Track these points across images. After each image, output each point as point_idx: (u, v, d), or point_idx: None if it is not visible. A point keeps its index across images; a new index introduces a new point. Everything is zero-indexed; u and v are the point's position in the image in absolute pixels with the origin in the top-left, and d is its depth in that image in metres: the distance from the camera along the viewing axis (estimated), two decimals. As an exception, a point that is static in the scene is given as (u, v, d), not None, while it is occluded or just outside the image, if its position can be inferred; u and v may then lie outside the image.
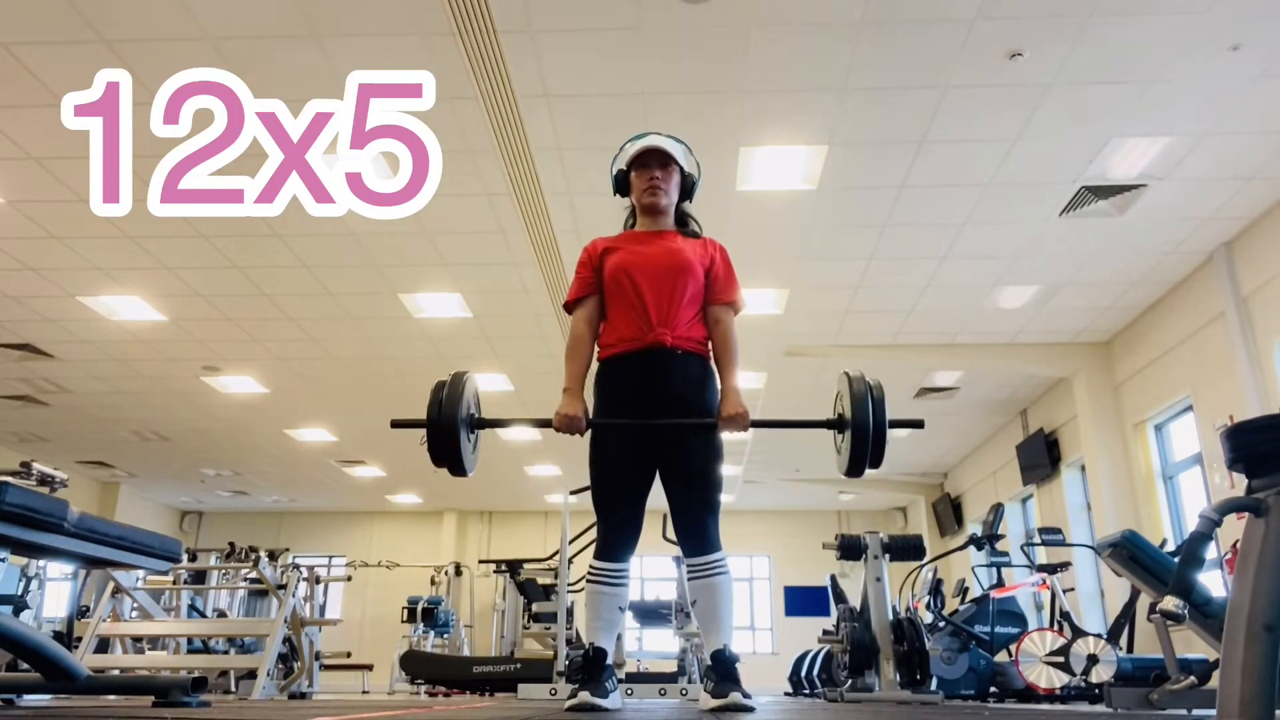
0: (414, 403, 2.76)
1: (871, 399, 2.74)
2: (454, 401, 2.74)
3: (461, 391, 2.77)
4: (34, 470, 4.30)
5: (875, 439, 2.71)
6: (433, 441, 2.72)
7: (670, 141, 2.91)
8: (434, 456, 2.75)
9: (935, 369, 9.22)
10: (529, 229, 6.40)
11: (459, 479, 2.94)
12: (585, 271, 2.91)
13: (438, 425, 2.71)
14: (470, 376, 2.87)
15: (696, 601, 2.82)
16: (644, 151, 2.87)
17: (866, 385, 2.79)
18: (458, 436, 2.72)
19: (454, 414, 2.72)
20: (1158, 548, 4.61)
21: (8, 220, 6.21)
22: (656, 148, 2.87)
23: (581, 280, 2.91)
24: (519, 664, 6.76)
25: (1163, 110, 5.11)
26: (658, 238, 2.90)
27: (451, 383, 2.80)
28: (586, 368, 2.87)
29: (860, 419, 2.72)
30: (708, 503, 2.78)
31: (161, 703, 2.66)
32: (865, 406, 2.73)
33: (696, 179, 3.03)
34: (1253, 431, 1.71)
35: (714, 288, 2.89)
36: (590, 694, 2.65)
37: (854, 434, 2.73)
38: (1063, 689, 5.62)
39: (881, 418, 2.72)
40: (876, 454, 2.73)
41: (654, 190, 2.88)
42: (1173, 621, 1.86)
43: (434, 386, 2.79)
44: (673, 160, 2.89)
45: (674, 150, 2.89)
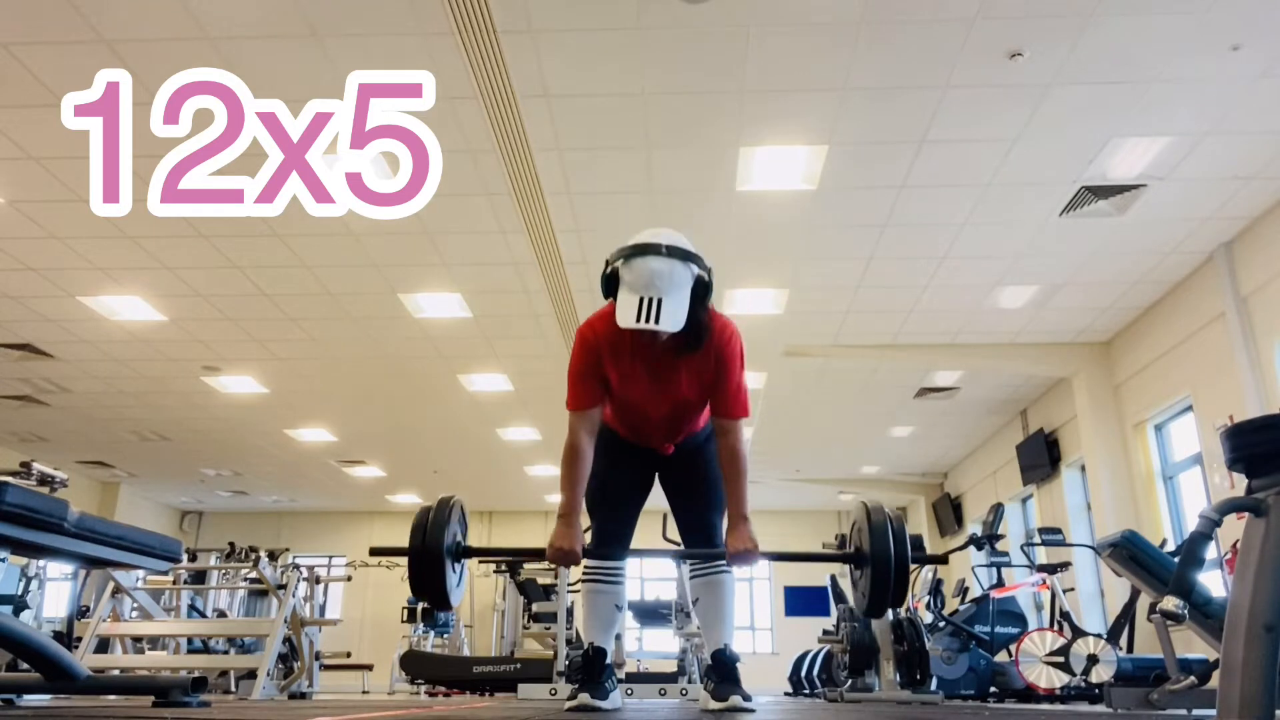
0: (414, 403, 2.77)
1: (892, 532, 2.51)
2: (439, 528, 2.54)
3: (448, 518, 2.57)
4: (34, 470, 4.31)
5: (898, 577, 2.50)
6: (414, 572, 2.52)
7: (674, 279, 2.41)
8: (414, 588, 2.55)
9: (935, 369, 9.22)
10: (529, 229, 6.40)
11: (458, 478, 2.92)
12: (591, 382, 2.63)
13: (421, 555, 2.51)
14: (458, 502, 2.68)
15: (698, 600, 2.83)
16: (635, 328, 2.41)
17: (886, 517, 2.56)
18: (442, 568, 2.52)
19: (438, 543, 2.52)
20: (1158, 548, 4.61)
21: (8, 220, 6.21)
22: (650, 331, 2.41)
23: (588, 389, 2.63)
24: (519, 664, 6.77)
25: (1163, 110, 5.11)
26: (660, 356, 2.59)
27: (437, 508, 2.59)
28: (584, 488, 2.65)
29: (881, 555, 2.50)
30: (711, 503, 2.79)
31: (161, 703, 2.66)
32: (886, 541, 2.50)
33: (709, 281, 2.52)
34: (1253, 431, 1.71)
35: (719, 404, 2.66)
36: (590, 694, 2.65)
37: (875, 572, 2.51)
38: (1063, 689, 5.62)
39: (904, 553, 2.50)
40: (899, 593, 2.52)
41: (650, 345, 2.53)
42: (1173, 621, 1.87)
43: (418, 512, 2.59)
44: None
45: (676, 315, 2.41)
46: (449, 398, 9.85)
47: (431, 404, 10.09)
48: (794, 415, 10.61)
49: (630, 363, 2.61)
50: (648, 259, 2.42)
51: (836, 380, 9.54)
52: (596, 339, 2.60)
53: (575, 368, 2.64)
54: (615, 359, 2.60)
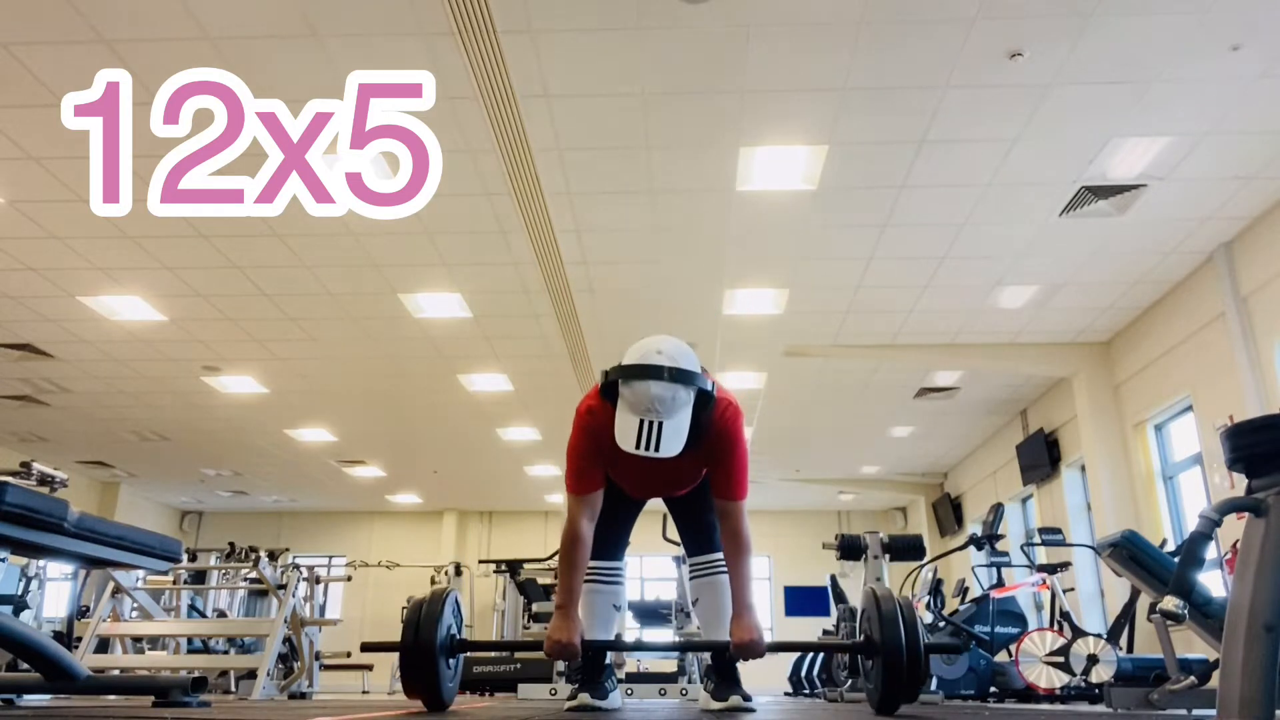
0: (414, 403, 2.76)
1: (903, 620, 2.39)
2: (432, 623, 2.43)
3: (441, 611, 2.47)
4: (34, 470, 4.30)
5: (911, 669, 2.34)
6: (406, 670, 2.43)
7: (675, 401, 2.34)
8: (407, 686, 2.47)
9: (935, 369, 9.21)
10: (529, 229, 6.40)
11: (457, 479, 2.92)
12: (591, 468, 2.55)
13: (413, 652, 2.40)
14: (452, 594, 2.60)
15: (698, 600, 2.83)
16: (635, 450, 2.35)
17: (896, 605, 2.44)
18: (435, 665, 2.42)
19: (431, 639, 2.42)
20: (1158, 548, 4.61)
21: (8, 220, 6.21)
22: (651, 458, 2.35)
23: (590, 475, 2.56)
24: (519, 664, 6.76)
25: (1163, 110, 5.11)
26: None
27: (429, 601, 2.49)
28: (582, 576, 2.57)
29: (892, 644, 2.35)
30: (709, 505, 2.78)
31: (161, 703, 2.66)
32: (897, 630, 2.36)
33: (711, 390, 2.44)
34: (1252, 431, 1.71)
35: (719, 483, 2.58)
36: (590, 694, 2.65)
37: (887, 663, 2.36)
38: (1063, 689, 5.61)
39: (916, 642, 2.36)
40: (913, 685, 2.37)
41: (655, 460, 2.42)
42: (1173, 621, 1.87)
43: (411, 606, 2.49)
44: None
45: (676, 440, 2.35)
46: (449, 398, 9.84)
47: (431, 404, 10.09)
48: (794, 415, 10.61)
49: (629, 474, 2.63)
50: (648, 384, 2.32)
51: (836, 380, 9.54)
52: (596, 425, 2.50)
53: (575, 452, 2.54)
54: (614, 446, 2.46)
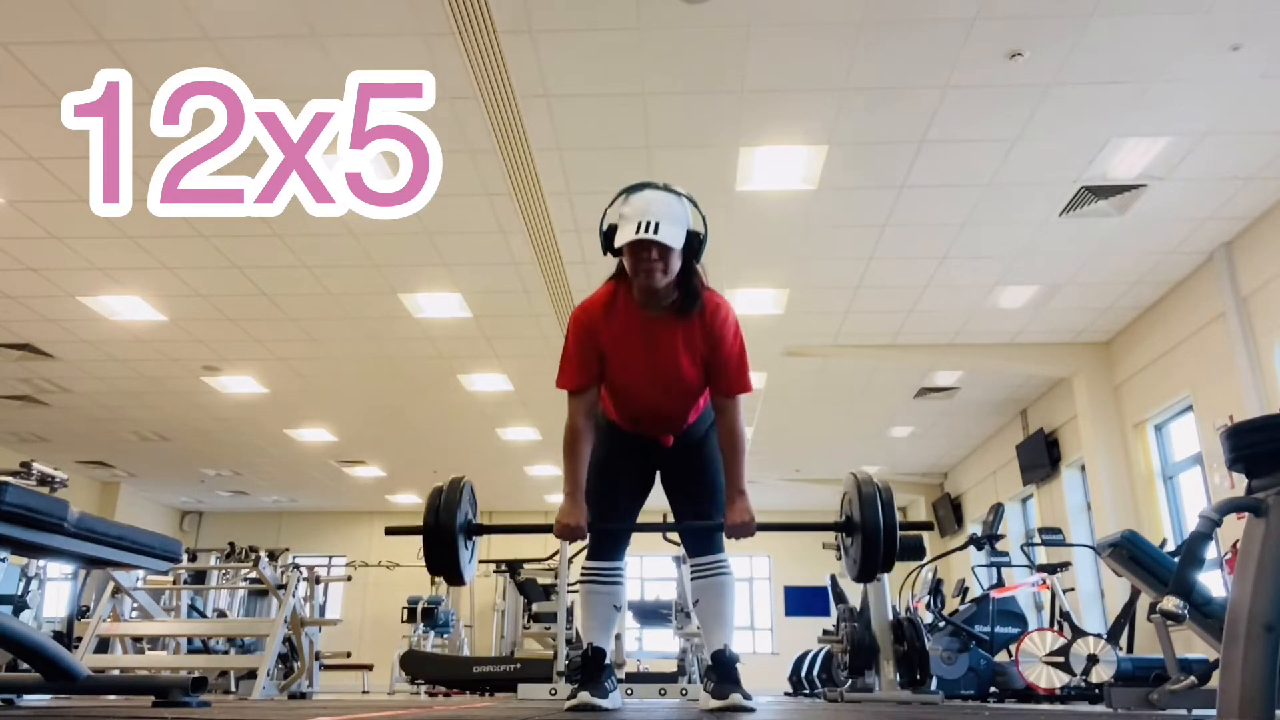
0: (414, 403, 2.76)
1: (880, 501, 2.61)
2: (451, 508, 2.64)
3: (459, 498, 2.67)
4: (34, 470, 4.31)
5: (886, 544, 2.59)
6: (429, 550, 2.63)
7: (670, 205, 2.50)
8: (430, 565, 2.66)
9: (935, 369, 9.22)
10: (529, 229, 6.40)
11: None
12: (586, 359, 2.63)
13: (435, 533, 2.62)
14: (468, 483, 2.76)
15: (699, 601, 2.83)
16: (638, 242, 2.45)
17: (875, 488, 2.64)
18: (455, 545, 2.63)
19: (451, 521, 2.62)
20: (1158, 548, 4.61)
21: (8, 220, 6.21)
22: (651, 240, 2.43)
23: (583, 370, 2.64)
24: (519, 664, 6.76)
25: (1163, 110, 5.11)
26: (654, 330, 2.61)
27: (449, 488, 2.69)
28: (586, 465, 2.68)
29: (870, 523, 2.60)
30: (711, 506, 2.78)
31: (161, 703, 2.66)
32: (875, 510, 2.59)
33: (704, 236, 2.59)
34: (1253, 431, 1.71)
35: (717, 380, 2.66)
36: (590, 694, 2.65)
37: (864, 539, 2.62)
38: (1063, 689, 5.62)
39: (892, 521, 2.60)
40: (888, 558, 2.60)
41: (650, 274, 2.48)
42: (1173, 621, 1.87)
43: (430, 493, 2.68)
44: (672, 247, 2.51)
45: (674, 235, 2.47)
46: (449, 398, 9.84)
47: (431, 404, 10.09)
48: (794, 415, 10.61)
49: (626, 336, 2.62)
50: (645, 191, 2.52)
51: (836, 380, 9.54)
52: (590, 318, 2.63)
53: (569, 347, 2.66)
54: (611, 333, 2.62)
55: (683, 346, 2.61)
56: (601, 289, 2.67)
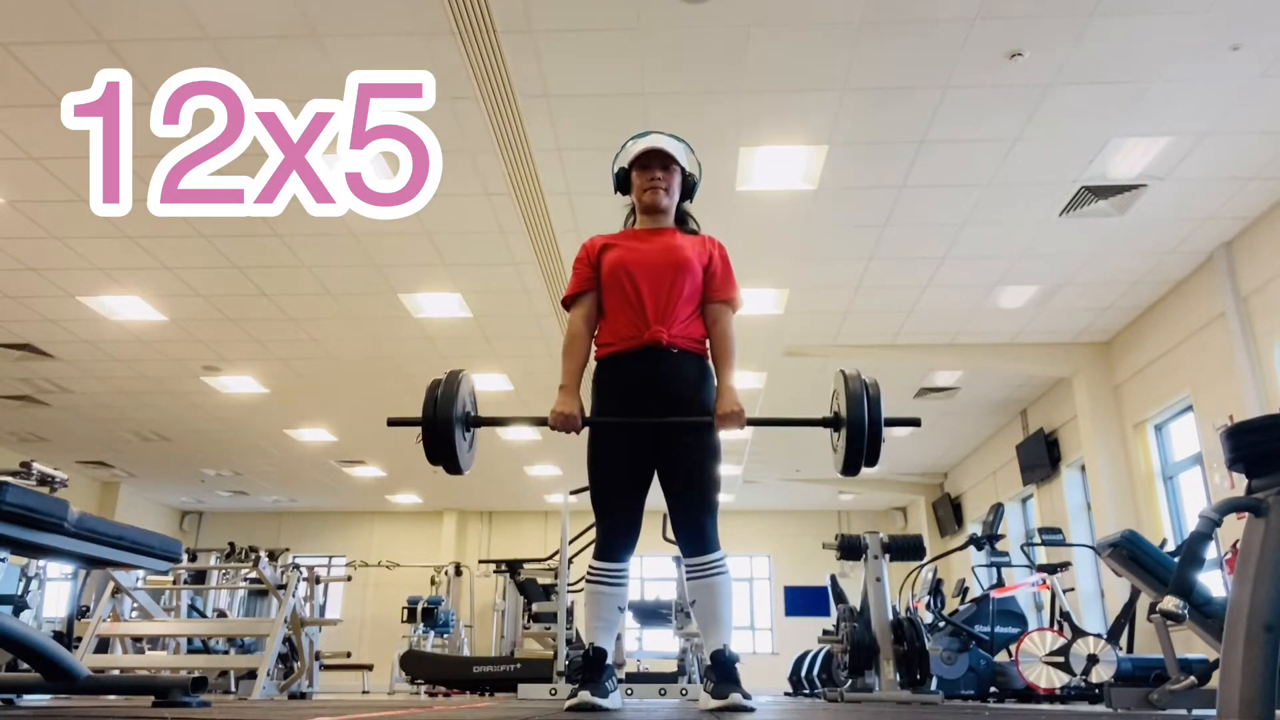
0: (414, 403, 2.76)
1: (867, 397, 2.74)
2: (449, 400, 2.73)
3: (457, 390, 2.76)
4: (34, 470, 4.30)
5: (871, 437, 2.71)
6: (428, 440, 2.72)
7: (672, 141, 2.90)
8: (429, 454, 2.76)
9: (935, 369, 9.22)
10: (529, 229, 6.40)
11: (458, 478, 2.94)
12: (583, 268, 2.90)
13: (434, 423, 2.71)
14: (466, 375, 2.87)
15: (696, 601, 2.82)
16: (645, 152, 2.86)
17: (862, 383, 2.79)
18: (453, 435, 2.72)
19: (449, 412, 2.71)
20: (1158, 548, 4.61)
21: (8, 220, 6.21)
22: (658, 148, 2.85)
23: (579, 276, 2.89)
24: (519, 664, 6.76)
25: (1163, 110, 5.11)
26: (656, 235, 2.90)
27: (447, 381, 2.79)
28: (583, 365, 2.86)
29: (856, 417, 2.72)
30: (706, 502, 2.77)
31: (161, 703, 2.66)
32: (861, 405, 2.73)
33: (698, 179, 3.02)
34: (1253, 431, 1.71)
35: (711, 285, 2.88)
36: (590, 694, 2.65)
37: (849, 432, 2.74)
38: (1063, 689, 5.62)
39: (877, 415, 2.72)
40: (872, 452, 2.73)
41: (655, 189, 2.86)
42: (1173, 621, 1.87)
43: (430, 385, 2.79)
44: (674, 161, 2.88)
45: (676, 151, 2.88)
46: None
47: (431, 404, 10.07)
48: (794, 415, 10.59)
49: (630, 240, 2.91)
50: (651, 134, 2.94)
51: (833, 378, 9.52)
52: (594, 239, 2.95)
53: (574, 265, 2.93)
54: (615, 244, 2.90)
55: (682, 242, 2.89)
56: None
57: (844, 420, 2.78)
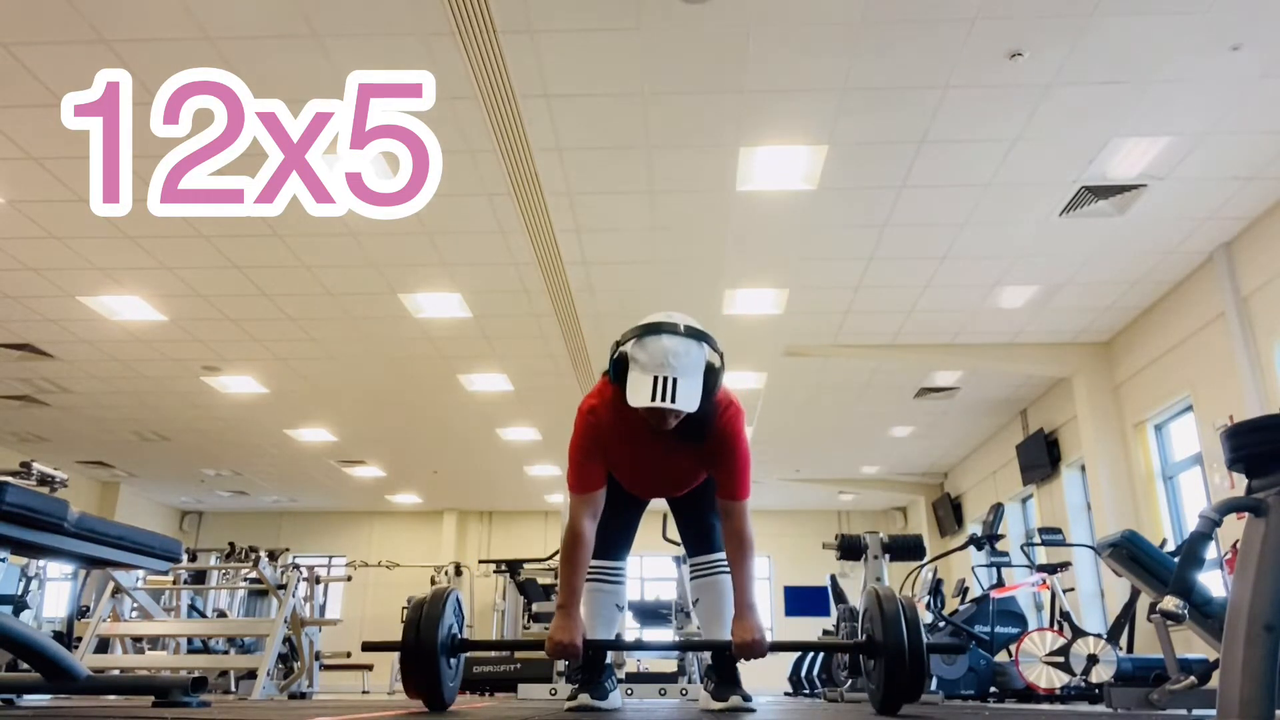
0: (414, 403, 2.76)
1: (905, 620, 2.39)
2: (433, 623, 2.43)
3: (442, 611, 2.47)
4: (34, 470, 4.30)
5: (914, 669, 2.34)
6: (408, 670, 2.44)
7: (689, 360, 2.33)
8: (407, 687, 2.47)
9: (935, 369, 9.21)
10: (529, 229, 6.40)
11: (458, 479, 2.92)
12: (594, 466, 2.54)
13: (415, 652, 2.40)
14: (453, 592, 2.61)
15: (698, 600, 2.83)
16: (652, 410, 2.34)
17: (899, 606, 2.44)
18: (436, 665, 2.42)
19: (433, 639, 2.42)
20: (1158, 548, 4.61)
21: (8, 220, 6.21)
22: (668, 409, 2.31)
23: (590, 473, 2.54)
24: (519, 664, 6.76)
25: (1163, 110, 5.11)
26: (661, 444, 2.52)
27: (430, 601, 2.49)
28: (584, 574, 2.56)
29: (895, 645, 2.35)
30: (709, 504, 2.78)
31: (161, 703, 2.66)
32: (900, 631, 2.36)
33: (721, 368, 2.45)
34: (1252, 431, 1.71)
35: (723, 483, 2.57)
36: (590, 694, 2.65)
37: (889, 664, 2.37)
38: (1063, 689, 5.61)
39: (918, 643, 2.35)
40: (916, 686, 2.37)
41: (662, 421, 2.40)
42: (1173, 621, 1.86)
43: (412, 606, 2.49)
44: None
45: (690, 397, 2.33)
46: (449, 398, 9.84)
47: (431, 404, 10.08)
48: (794, 415, 10.61)
49: (633, 449, 2.54)
50: (662, 338, 2.34)
51: (836, 380, 9.54)
52: (599, 422, 2.52)
53: (577, 449, 2.53)
54: (617, 444, 2.53)
55: (688, 456, 2.57)
56: (608, 389, 2.52)
57: (881, 647, 2.40)
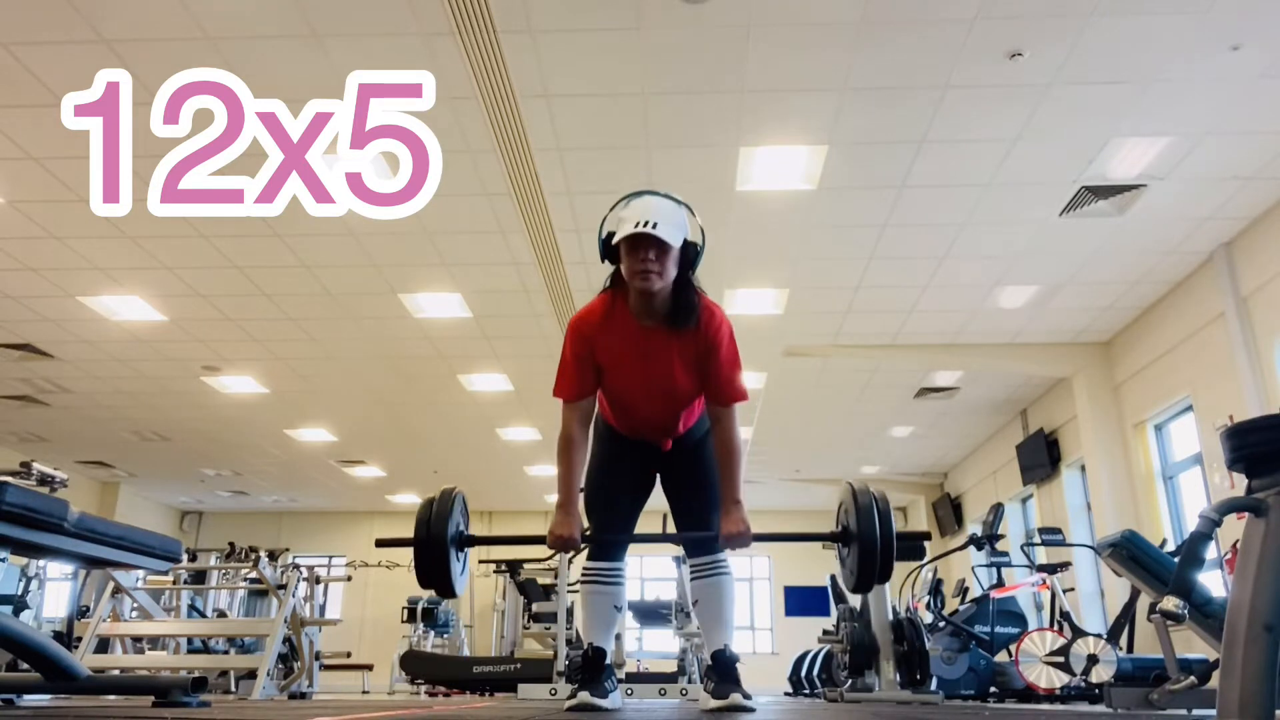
0: (414, 403, 2.77)
1: (877, 511, 2.63)
2: (443, 519, 2.63)
3: (451, 508, 2.67)
4: (34, 470, 4.30)
5: (884, 554, 2.61)
6: (420, 562, 2.62)
7: (667, 206, 2.54)
8: (421, 577, 2.65)
9: (935, 369, 9.22)
10: (529, 229, 6.40)
11: (458, 479, 2.93)
12: (584, 370, 2.63)
13: (426, 546, 2.61)
14: (459, 492, 2.76)
15: (698, 601, 2.83)
16: (636, 237, 2.46)
17: (872, 497, 2.67)
18: (447, 557, 2.63)
19: (443, 532, 2.62)
20: (1158, 548, 4.61)
21: (8, 220, 6.21)
22: (650, 235, 2.43)
23: (578, 378, 2.64)
24: (519, 664, 6.76)
25: (1163, 110, 5.11)
26: (651, 341, 2.61)
27: (440, 499, 2.69)
28: (581, 473, 2.70)
29: (867, 533, 2.62)
30: (709, 504, 2.78)
31: (161, 703, 2.66)
32: (872, 520, 2.62)
33: (701, 247, 2.64)
34: (1253, 431, 1.70)
35: (712, 386, 2.65)
36: (590, 694, 2.65)
37: (861, 549, 2.65)
38: (1063, 689, 5.61)
39: (889, 532, 2.62)
40: (885, 569, 2.63)
41: (646, 275, 2.48)
42: (1173, 621, 1.86)
43: (422, 504, 2.69)
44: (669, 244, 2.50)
45: (671, 227, 2.49)
46: (449, 398, 9.84)
47: (431, 404, 10.09)
48: (794, 415, 10.61)
49: (621, 347, 2.63)
50: (643, 196, 2.58)
51: (836, 380, 9.54)
52: (588, 328, 2.64)
53: (567, 356, 2.66)
54: (607, 345, 2.63)
55: (678, 358, 2.62)
56: (597, 299, 2.67)
57: (854, 536, 2.68)
